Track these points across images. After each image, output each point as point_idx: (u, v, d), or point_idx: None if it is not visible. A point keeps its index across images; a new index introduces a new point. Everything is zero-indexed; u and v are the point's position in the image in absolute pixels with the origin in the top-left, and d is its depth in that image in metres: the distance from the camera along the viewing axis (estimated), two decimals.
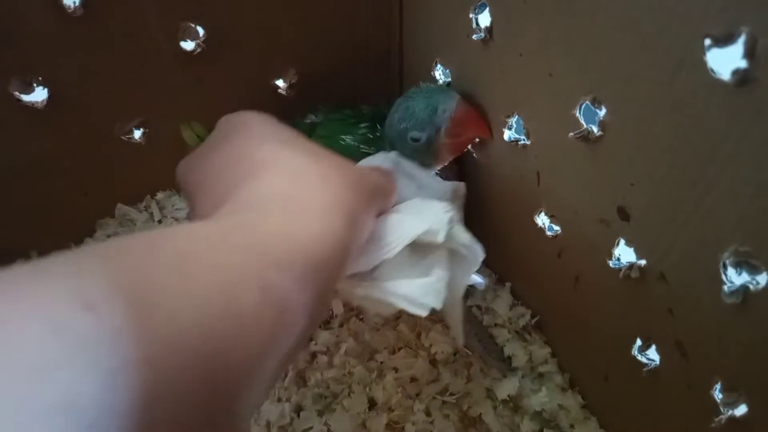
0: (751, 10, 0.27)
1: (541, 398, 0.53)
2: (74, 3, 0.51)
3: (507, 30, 0.47)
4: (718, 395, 0.37)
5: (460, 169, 0.60)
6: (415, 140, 0.53)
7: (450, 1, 0.53)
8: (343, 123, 0.60)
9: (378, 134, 0.58)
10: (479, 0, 0.48)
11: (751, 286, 0.33)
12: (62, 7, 0.50)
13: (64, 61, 0.54)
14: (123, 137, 0.61)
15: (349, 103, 0.62)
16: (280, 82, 0.65)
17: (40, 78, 0.54)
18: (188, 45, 0.57)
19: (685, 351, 0.39)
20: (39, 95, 0.54)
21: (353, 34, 0.65)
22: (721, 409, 0.37)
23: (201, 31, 0.57)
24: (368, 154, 0.57)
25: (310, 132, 0.59)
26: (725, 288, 0.34)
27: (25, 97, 0.54)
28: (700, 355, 0.38)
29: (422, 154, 0.54)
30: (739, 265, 0.33)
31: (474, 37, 0.50)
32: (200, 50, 0.57)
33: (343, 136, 0.58)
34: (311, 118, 0.62)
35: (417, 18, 0.62)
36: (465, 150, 0.57)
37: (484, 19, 0.49)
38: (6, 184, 0.58)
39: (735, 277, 0.34)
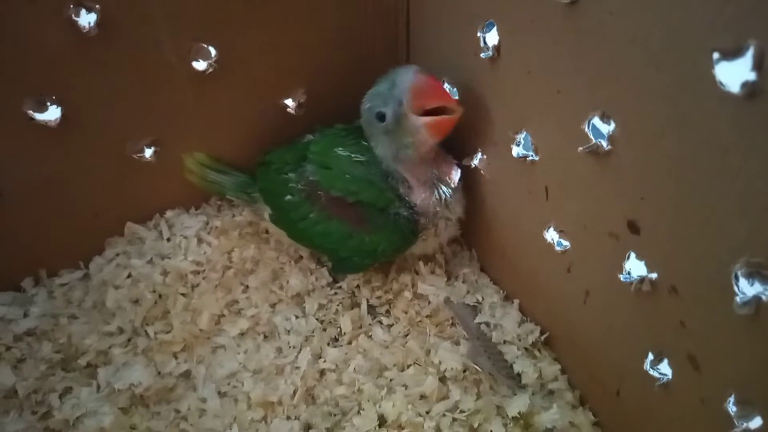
0: (759, 23, 0.28)
1: (551, 415, 0.52)
2: (89, 23, 0.51)
3: (515, 48, 0.48)
4: (731, 408, 0.37)
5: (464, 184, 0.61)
6: (381, 118, 0.54)
7: (457, 20, 0.54)
8: (335, 137, 0.61)
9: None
10: (487, 19, 0.49)
11: (763, 297, 0.33)
12: (77, 28, 0.51)
13: (77, 80, 0.54)
14: (134, 156, 0.61)
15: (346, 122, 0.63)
16: (289, 101, 0.66)
17: (53, 97, 0.54)
18: (200, 65, 0.58)
19: (697, 364, 0.39)
20: (52, 114, 0.55)
21: (361, 53, 0.66)
22: (735, 422, 0.37)
23: (213, 51, 0.58)
24: (361, 163, 0.58)
25: (305, 150, 0.60)
26: (737, 299, 0.34)
27: (39, 116, 0.55)
28: (712, 368, 0.38)
29: (395, 135, 0.54)
30: (751, 276, 0.33)
31: (482, 55, 0.51)
32: (212, 70, 0.58)
33: (335, 149, 0.59)
34: (308, 138, 0.63)
35: (424, 37, 0.63)
36: (447, 133, 0.55)
37: (492, 37, 0.50)
38: (16, 202, 0.58)
39: (747, 288, 0.34)
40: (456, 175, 0.60)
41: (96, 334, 0.58)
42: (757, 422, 0.35)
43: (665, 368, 0.43)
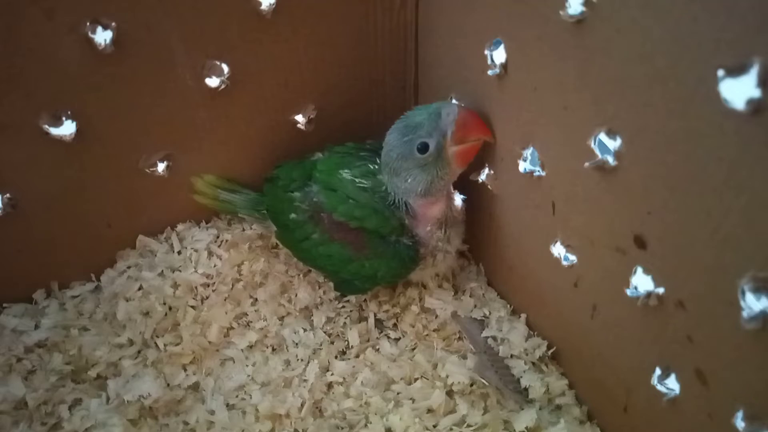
0: (763, 40, 0.28)
1: (559, 430, 0.52)
2: (105, 41, 0.53)
3: (521, 65, 0.48)
4: (740, 424, 0.37)
5: (467, 200, 0.62)
6: (423, 150, 0.53)
7: (465, 38, 0.55)
8: (344, 157, 0.61)
9: (377, 167, 0.58)
10: (494, 36, 0.50)
11: None
12: (93, 45, 0.52)
13: (93, 95, 0.55)
14: (147, 170, 0.62)
15: (357, 138, 0.64)
16: (299, 117, 0.66)
17: (69, 112, 0.55)
18: (213, 81, 0.59)
19: (705, 379, 0.39)
20: (67, 129, 0.56)
21: (370, 70, 0.67)
22: None
23: (226, 68, 0.59)
24: (365, 189, 0.58)
25: (312, 169, 0.61)
26: (744, 314, 0.34)
27: (54, 131, 0.56)
28: (720, 383, 0.38)
29: (432, 167, 0.54)
30: (758, 291, 0.33)
31: (489, 72, 0.52)
32: (224, 87, 0.59)
33: (340, 171, 0.59)
34: (317, 156, 0.63)
35: (432, 55, 0.64)
36: (470, 161, 0.56)
37: (499, 55, 0.51)
38: (30, 215, 0.59)
39: (754, 303, 0.34)
40: (461, 205, 0.61)
41: (106, 346, 0.59)
42: None
43: (673, 383, 0.43)
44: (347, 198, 0.58)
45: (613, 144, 0.41)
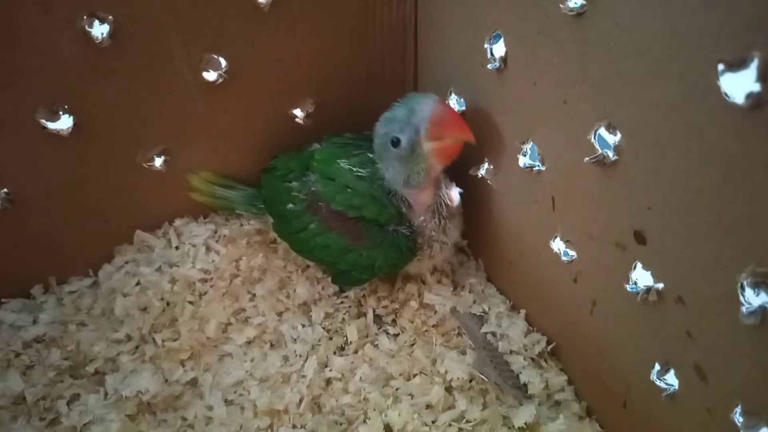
0: (763, 34, 0.28)
1: (558, 426, 0.52)
2: (102, 34, 0.52)
3: (521, 59, 0.48)
4: (738, 419, 0.37)
5: (466, 195, 0.61)
6: (396, 144, 0.54)
7: (464, 32, 0.55)
8: (342, 146, 0.61)
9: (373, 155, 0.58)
10: (494, 30, 0.50)
11: None
12: (90, 38, 0.52)
13: (90, 89, 0.55)
14: (144, 164, 0.62)
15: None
16: (297, 112, 0.66)
17: (66, 106, 0.55)
18: (211, 75, 0.59)
19: (704, 374, 0.39)
20: (64, 123, 0.56)
21: (369, 65, 0.66)
22: None
23: (223, 62, 0.58)
24: (363, 178, 0.57)
25: (309, 159, 0.61)
26: (743, 309, 0.34)
27: (51, 125, 0.55)
28: (719, 379, 0.38)
29: (408, 161, 0.54)
30: (757, 286, 0.33)
31: (489, 66, 0.51)
32: (222, 80, 0.59)
33: (338, 161, 0.59)
34: (315, 146, 0.63)
35: (431, 49, 0.63)
36: (454, 158, 0.55)
37: (499, 49, 0.50)
38: (28, 210, 0.59)
39: (753, 298, 0.34)
40: (457, 198, 0.60)
41: (104, 342, 0.59)
42: None
43: (672, 378, 0.43)
44: (345, 187, 0.58)
45: (613, 138, 0.41)
